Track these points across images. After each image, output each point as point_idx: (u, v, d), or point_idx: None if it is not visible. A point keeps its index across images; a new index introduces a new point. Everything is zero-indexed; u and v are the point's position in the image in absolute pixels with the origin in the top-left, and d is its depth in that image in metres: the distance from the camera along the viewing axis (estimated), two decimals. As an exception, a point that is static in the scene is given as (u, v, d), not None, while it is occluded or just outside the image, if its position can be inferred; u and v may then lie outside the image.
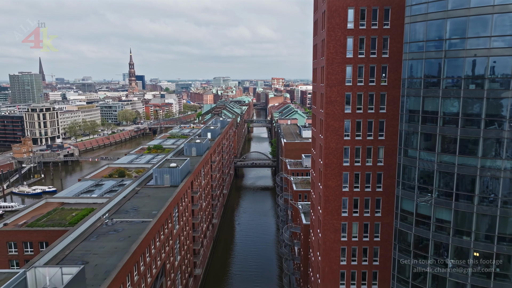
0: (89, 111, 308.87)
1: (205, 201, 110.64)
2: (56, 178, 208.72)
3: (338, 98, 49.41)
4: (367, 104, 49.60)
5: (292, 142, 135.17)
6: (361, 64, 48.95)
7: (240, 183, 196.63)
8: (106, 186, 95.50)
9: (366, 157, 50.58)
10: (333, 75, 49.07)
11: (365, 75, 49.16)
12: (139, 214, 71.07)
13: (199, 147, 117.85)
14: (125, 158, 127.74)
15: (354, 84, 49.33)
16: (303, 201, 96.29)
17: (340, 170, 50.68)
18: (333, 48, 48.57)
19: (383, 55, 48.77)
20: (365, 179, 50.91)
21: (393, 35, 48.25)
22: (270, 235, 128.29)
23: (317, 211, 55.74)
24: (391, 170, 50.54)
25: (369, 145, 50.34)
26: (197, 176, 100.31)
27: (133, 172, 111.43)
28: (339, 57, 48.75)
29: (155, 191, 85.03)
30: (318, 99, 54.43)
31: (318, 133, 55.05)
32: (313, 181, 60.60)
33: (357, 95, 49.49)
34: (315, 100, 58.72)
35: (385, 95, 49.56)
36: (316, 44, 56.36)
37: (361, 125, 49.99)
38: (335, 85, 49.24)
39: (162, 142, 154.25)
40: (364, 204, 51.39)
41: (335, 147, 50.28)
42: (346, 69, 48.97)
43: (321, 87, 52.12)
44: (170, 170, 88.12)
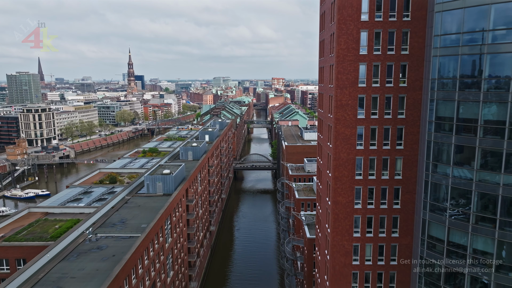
0: (86, 112, 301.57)
1: (201, 208, 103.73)
2: (50, 181, 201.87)
3: (349, 102, 42.47)
4: (383, 109, 42.65)
5: (294, 145, 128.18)
6: (377, 62, 42.00)
7: (239, 186, 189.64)
8: (95, 194, 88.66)
9: (381, 169, 43.65)
10: (344, 74, 42.14)
11: (381, 75, 42.22)
12: (126, 228, 64.11)
13: (195, 151, 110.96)
14: (118, 162, 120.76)
15: (369, 85, 42.38)
16: (306, 210, 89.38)
17: (352, 184, 43.75)
18: (344, 44, 41.63)
19: (402, 51, 41.78)
20: (381, 194, 43.98)
21: (414, 28, 41.31)
22: (271, 243, 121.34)
23: (324, 229, 48.87)
24: (410, 184, 43.61)
25: (386, 156, 43.41)
26: (193, 183, 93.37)
27: (125, 177, 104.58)
28: (351, 54, 41.80)
29: (146, 200, 78.11)
30: (326, 102, 47.51)
31: (325, 140, 48.11)
32: (319, 194, 53.70)
33: (371, 98, 42.54)
34: (321, 103, 51.77)
35: (404, 98, 42.60)
36: (323, 39, 49.43)
37: (376, 132, 43.05)
38: (347, 86, 42.31)
39: (158, 145, 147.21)
40: (380, 223, 44.46)
41: (346, 158, 43.35)
42: (359, 67, 42.02)
43: (329, 88, 45.21)
44: (163, 177, 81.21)
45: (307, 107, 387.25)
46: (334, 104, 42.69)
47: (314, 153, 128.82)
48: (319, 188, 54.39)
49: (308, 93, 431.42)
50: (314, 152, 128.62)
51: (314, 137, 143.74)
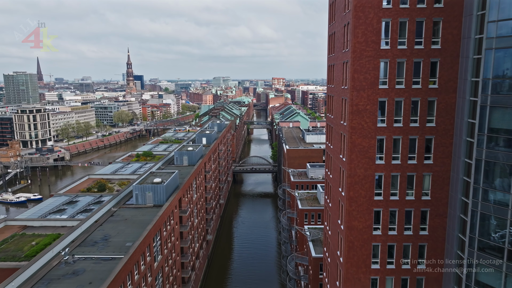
0: (83, 112, 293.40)
1: (197, 217, 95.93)
2: (44, 184, 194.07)
3: (368, 107, 34.67)
4: (409, 115, 34.85)
5: (296, 149, 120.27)
6: (402, 58, 34.19)
7: (239, 189, 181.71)
8: (81, 204, 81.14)
9: (406, 188, 35.85)
10: (361, 74, 34.35)
11: (406, 74, 34.43)
12: (109, 247, 56.24)
13: (191, 155, 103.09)
14: (110, 167, 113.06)
15: (392, 86, 34.57)
16: (310, 221, 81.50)
17: (370, 206, 35.97)
18: (362, 36, 33.83)
19: (432, 45, 33.96)
20: (405, 218, 36.17)
21: (448, 16, 33.51)
22: (271, 254, 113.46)
23: (335, 256, 41.09)
24: (440, 207, 35.82)
25: (411, 172, 35.62)
26: (188, 191, 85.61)
27: (115, 184, 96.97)
28: (371, 49, 34.01)
29: (134, 212, 70.27)
30: (338, 106, 39.71)
31: (336, 152, 40.31)
32: (327, 212, 45.87)
33: (395, 102, 34.74)
34: (331, 107, 43.97)
35: (434, 102, 34.78)
36: (334, 32, 41.59)
37: (400, 143, 35.26)
38: (365, 88, 34.51)
39: (153, 148, 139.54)
40: (403, 252, 36.68)
41: (364, 174, 35.56)
42: (380, 65, 34.21)
43: (342, 90, 37.41)
44: (153, 187, 73.38)
45: (307, 108, 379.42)
46: (349, 109, 34.89)
47: (317, 157, 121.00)
48: (327, 205, 46.55)
49: (308, 93, 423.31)
50: (317, 156, 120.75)
51: (316, 140, 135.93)
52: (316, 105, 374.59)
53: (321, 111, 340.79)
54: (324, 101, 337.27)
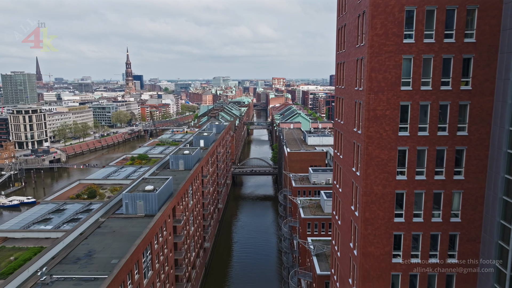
0: (80, 113, 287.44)
1: (193, 225, 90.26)
2: (39, 186, 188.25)
3: (388, 112, 28.93)
4: (436, 122, 29.10)
5: (297, 151, 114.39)
6: (429, 54, 28.45)
7: (238, 192, 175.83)
8: (68, 213, 75.46)
9: (432, 208, 30.16)
10: (380, 73, 28.61)
11: (434, 73, 28.69)
12: (92, 265, 50.49)
13: (187, 159, 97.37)
14: (102, 172, 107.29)
15: (416, 87, 28.82)
16: (313, 231, 75.76)
17: (389, 229, 30.24)
18: (381, 28, 28.09)
19: (465, 38, 28.20)
20: (430, 243, 30.46)
21: (486, 4, 27.71)
22: (272, 260, 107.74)
23: (347, 286, 35.26)
24: (473, 230, 30.09)
25: (438, 189, 29.89)
26: (183, 198, 79.91)
27: (107, 190, 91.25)
28: (391, 43, 28.26)
29: (123, 223, 64.51)
30: (349, 110, 33.96)
31: (348, 164, 34.55)
32: (336, 230, 40.05)
33: (420, 107, 29.02)
34: (340, 112, 38.22)
35: (467, 106, 29.03)
36: (344, 25, 35.82)
37: (426, 156, 29.52)
38: (384, 89, 28.77)
39: (149, 151, 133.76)
40: (428, 284, 30.92)
41: (382, 192, 29.83)
42: (402, 62, 28.48)
43: (356, 92, 31.67)
44: (144, 195, 67.64)
45: (308, 108, 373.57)
46: (365, 115, 29.13)
47: (319, 160, 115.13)
48: (335, 222, 40.73)
49: (309, 93, 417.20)
50: (319, 159, 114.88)
51: (318, 142, 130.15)
52: (317, 106, 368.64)
53: (322, 112, 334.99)
54: (325, 101, 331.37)
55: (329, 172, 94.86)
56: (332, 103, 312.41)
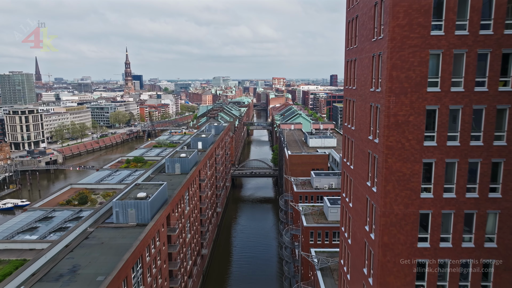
0: (78, 113, 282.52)
1: (190, 232, 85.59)
2: (34, 189, 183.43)
3: (411, 118, 24.20)
4: (469, 129, 24.37)
5: (299, 154, 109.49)
6: (461, 48, 23.69)
7: (237, 194, 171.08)
8: (56, 220, 70.57)
9: (462, 231, 25.45)
10: (402, 71, 23.88)
11: (467, 72, 23.95)
12: (76, 282, 45.69)
13: (184, 163, 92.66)
14: (95, 176, 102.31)
15: (445, 89, 24.07)
16: (316, 240, 70.91)
17: (411, 255, 25.49)
18: (404, 17, 23.35)
19: (506, 29, 23.45)
20: (460, 273, 25.73)
21: (531, -12, 23.04)
22: (272, 266, 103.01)
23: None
24: (511, 258, 25.37)
25: (470, 209, 25.15)
26: (178, 204, 75.19)
27: (99, 196, 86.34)
28: (416, 35, 23.51)
29: (113, 233, 59.66)
30: (362, 115, 29.20)
31: (361, 177, 29.79)
32: (345, 251, 35.17)
33: (449, 112, 24.29)
34: (350, 116, 33.44)
35: (506, 111, 24.27)
36: (356, 16, 31.05)
37: (456, 169, 24.78)
38: (407, 91, 24.03)
39: (145, 153, 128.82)
40: (457, 320, 26.25)
41: (404, 213, 25.10)
42: (429, 59, 23.75)
43: (371, 94, 26.92)
44: (136, 203, 62.82)
45: (309, 108, 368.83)
46: (383, 121, 24.38)
47: (321, 163, 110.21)
48: (345, 240, 35.88)
49: (309, 93, 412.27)
50: (321, 162, 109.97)
51: (320, 144, 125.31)
52: (318, 106, 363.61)
53: (323, 112, 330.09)
54: (326, 101, 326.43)
55: (332, 176, 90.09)
56: (333, 103, 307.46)
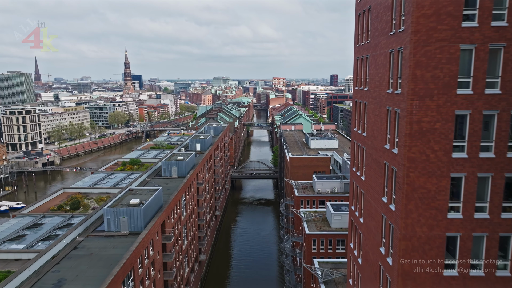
0: (77, 113, 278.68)
1: (187, 238, 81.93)
2: (31, 191, 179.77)
3: (437, 125, 20.47)
4: (506, 139, 20.61)
5: (300, 157, 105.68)
6: (498, 43, 19.95)
7: (237, 196, 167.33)
8: (46, 227, 66.79)
9: (495, 257, 21.72)
10: (428, 70, 20.15)
11: (504, 71, 20.14)
12: (60, 300, 42.18)
13: (181, 166, 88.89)
14: (90, 179, 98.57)
15: (479, 90, 20.30)
16: (318, 248, 67.18)
17: (436, 286, 21.75)
18: (430, 5, 19.58)
19: (552, 20, 19.75)
20: (494, 305, 22.04)
21: None
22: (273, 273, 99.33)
23: None
24: (553, 287, 21.69)
25: (506, 232, 21.42)
26: (174, 210, 71.47)
27: (92, 201, 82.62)
28: (445, 27, 19.79)
29: (104, 243, 55.92)
30: (376, 120, 25.44)
31: (374, 191, 26.01)
32: (355, 271, 31.37)
33: (482, 117, 20.59)
34: (361, 120, 29.65)
35: (550, 117, 20.55)
36: (369, 8, 27.27)
37: (489, 185, 21.09)
38: (433, 93, 20.30)
39: (142, 155, 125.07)
40: None
41: (428, 236, 21.37)
42: (459, 56, 20.05)
43: (388, 97, 23.16)
44: (128, 210, 59.01)
45: (309, 108, 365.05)
46: (405, 128, 20.65)
47: (323, 166, 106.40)
48: (354, 258, 32.08)
49: (310, 93, 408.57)
50: (323, 165, 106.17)
51: (322, 146, 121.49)
52: (318, 106, 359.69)
53: (323, 112, 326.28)
54: (326, 101, 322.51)
55: (334, 180, 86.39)
56: (333, 103, 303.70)
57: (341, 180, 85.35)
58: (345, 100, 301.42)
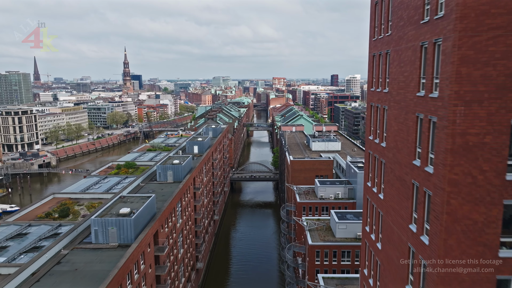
0: (74, 114, 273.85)
1: (183, 246, 77.30)
2: (26, 193, 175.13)
3: (488, 138, 15.84)
4: None
5: (301, 160, 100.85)
6: None
7: (236, 198, 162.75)
8: (31, 237, 61.95)
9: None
10: (477, 67, 15.49)
11: None
12: (35, 327, 37.39)
13: (177, 170, 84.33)
14: (82, 183, 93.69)
15: (543, 94, 15.75)
16: (322, 260, 62.48)
17: None
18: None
19: None
20: None
21: None
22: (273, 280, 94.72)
23: None
24: None
25: None
26: (169, 218, 66.83)
27: (83, 207, 77.75)
28: (500, 11, 15.20)
29: (90, 257, 51.12)
30: (400, 129, 20.71)
31: (399, 215, 21.24)
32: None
33: (546, 129, 15.93)
34: (378, 128, 24.98)
35: None
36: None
37: (553, 215, 16.49)
38: (483, 97, 15.65)
39: (138, 157, 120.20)
40: None
41: (473, 280, 16.72)
42: (519, 48, 15.43)
43: (419, 101, 18.41)
44: (117, 221, 54.25)
45: (309, 109, 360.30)
46: (445, 142, 15.96)
47: (326, 169, 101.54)
48: (366, 284, 27.44)
49: (310, 93, 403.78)
50: (326, 168, 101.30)
51: (324, 148, 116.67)
52: (319, 106, 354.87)
53: (324, 112, 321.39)
54: (327, 102, 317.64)
55: (338, 185, 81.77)
56: (334, 104, 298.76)
57: (345, 185, 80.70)
58: (346, 100, 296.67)
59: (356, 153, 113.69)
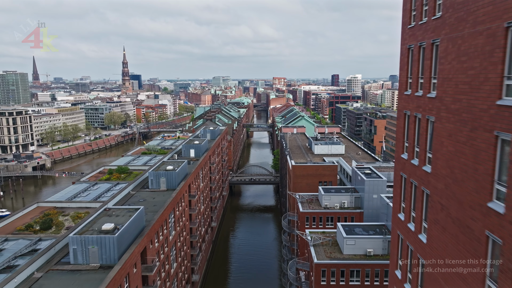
0: (71, 114, 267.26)
1: (176, 260, 70.70)
2: (18, 196, 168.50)
3: None
4: None
5: (304, 165, 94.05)
6: None
7: (236, 202, 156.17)
8: (6, 254, 55.41)
9: None
10: None
11: None
12: None
13: (170, 177, 77.71)
14: (70, 190, 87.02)
15: None
16: (329, 281, 55.87)
17: None
18: None
19: None
20: None
21: None
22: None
23: None
24: None
25: None
26: (159, 232, 60.25)
27: (68, 218, 71.19)
28: None
29: (66, 280, 44.51)
30: (458, 151, 14.33)
31: (453, 268, 14.97)
32: None
33: None
34: (418, 145, 18.51)
35: None
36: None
37: None
38: None
39: (131, 161, 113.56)
40: None
41: None
42: None
43: (502, 112, 12.08)
44: (99, 239, 47.61)
45: (310, 109, 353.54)
46: None
47: (330, 175, 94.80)
48: None
49: (311, 93, 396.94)
50: (330, 174, 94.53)
51: (327, 151, 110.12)
52: (320, 106, 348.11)
53: (325, 113, 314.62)
54: (328, 102, 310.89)
55: (344, 193, 75.16)
56: (335, 104, 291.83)
57: (351, 194, 74.15)
58: (347, 100, 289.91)
59: (361, 157, 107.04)
